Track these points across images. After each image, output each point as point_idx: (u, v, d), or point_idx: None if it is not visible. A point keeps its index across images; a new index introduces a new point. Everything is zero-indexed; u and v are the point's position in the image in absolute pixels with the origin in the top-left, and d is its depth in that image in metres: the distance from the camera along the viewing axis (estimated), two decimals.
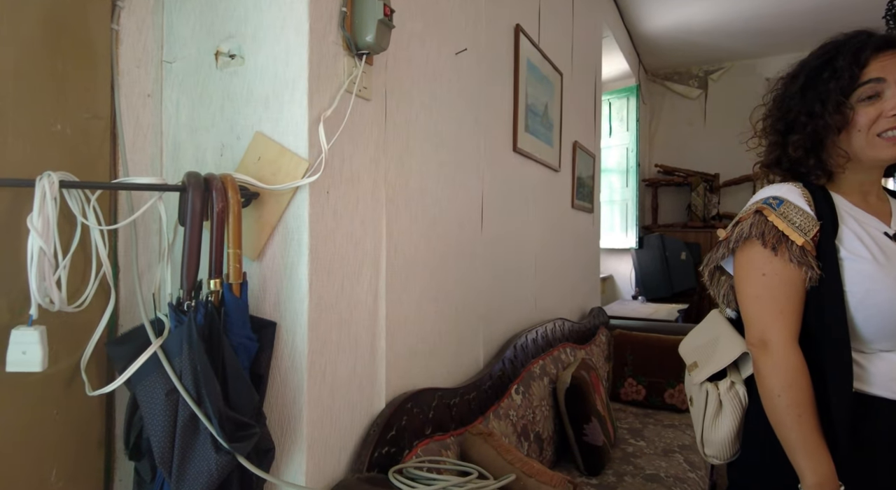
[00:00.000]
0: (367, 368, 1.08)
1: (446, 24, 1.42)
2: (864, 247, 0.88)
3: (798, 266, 0.88)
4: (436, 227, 1.36)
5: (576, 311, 2.66)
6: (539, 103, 2.09)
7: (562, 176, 2.46)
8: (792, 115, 0.96)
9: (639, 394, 2.37)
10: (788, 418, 0.85)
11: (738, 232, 0.95)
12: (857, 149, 0.91)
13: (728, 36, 4.06)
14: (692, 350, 1.10)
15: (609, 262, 4.59)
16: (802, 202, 0.91)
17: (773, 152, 1.00)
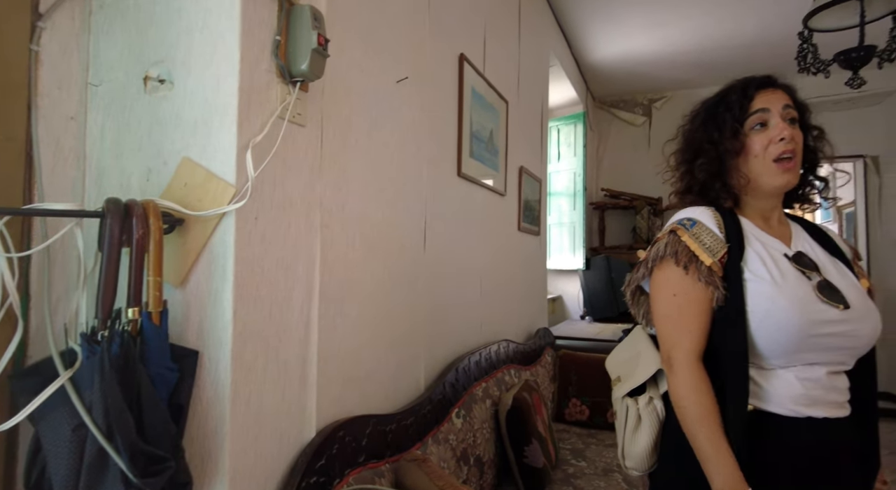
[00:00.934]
0: (296, 396, 1.07)
1: (388, 53, 1.45)
2: (765, 268, 0.94)
3: (706, 286, 0.93)
4: (375, 251, 1.37)
5: (522, 332, 2.70)
6: (484, 130, 2.15)
7: (508, 200, 2.51)
8: (696, 145, 1.05)
9: (582, 414, 2.42)
10: (694, 428, 0.90)
11: (654, 251, 1.02)
12: (756, 174, 0.99)
13: (670, 66, 4.29)
14: (617, 365, 1.16)
15: (558, 283, 4.69)
16: (713, 224, 0.98)
17: (683, 180, 1.09)
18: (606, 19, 3.52)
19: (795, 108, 1.01)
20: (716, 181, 1.02)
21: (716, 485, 0.87)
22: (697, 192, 1.06)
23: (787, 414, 0.90)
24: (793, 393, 0.90)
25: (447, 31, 1.83)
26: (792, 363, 0.91)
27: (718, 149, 1.01)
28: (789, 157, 0.96)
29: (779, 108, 0.98)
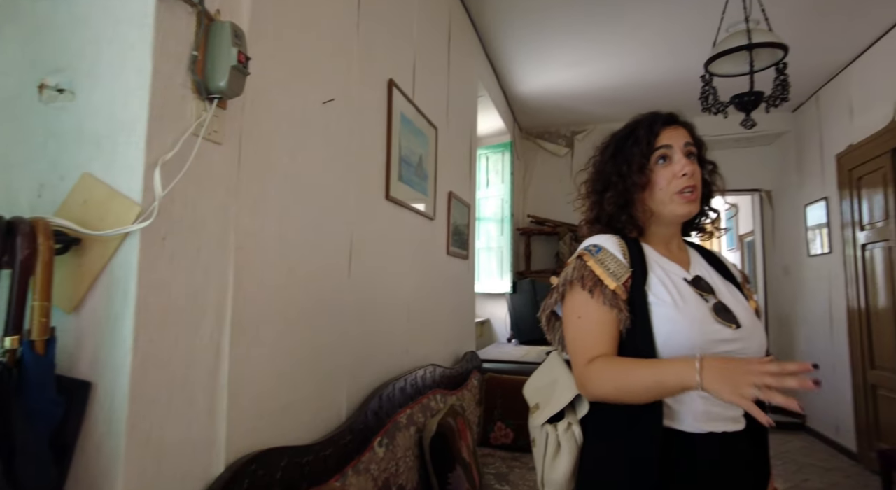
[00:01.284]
0: (203, 430, 1.00)
1: (314, 74, 1.44)
2: (667, 292, 0.99)
3: (610, 308, 0.97)
4: (295, 274, 1.33)
5: (449, 356, 2.70)
6: (413, 154, 2.17)
7: (437, 224, 2.54)
8: (606, 177, 1.11)
9: (507, 437, 2.44)
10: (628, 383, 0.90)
11: (563, 276, 1.05)
12: (660, 205, 1.06)
13: (591, 101, 4.56)
14: (535, 391, 1.16)
15: (486, 306, 4.75)
16: (618, 251, 1.03)
17: (593, 210, 1.14)
18: (533, 55, 3.70)
19: (695, 144, 1.10)
20: (623, 213, 1.08)
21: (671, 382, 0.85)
22: (605, 223, 1.11)
23: (691, 430, 0.95)
24: (696, 410, 0.95)
25: (376, 56, 1.85)
26: None
27: (626, 182, 1.07)
28: (690, 190, 1.04)
29: (681, 144, 1.06)
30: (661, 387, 0.87)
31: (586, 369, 0.96)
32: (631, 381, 0.90)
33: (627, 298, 0.98)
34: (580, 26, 3.28)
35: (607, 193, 1.09)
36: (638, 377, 0.89)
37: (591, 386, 0.95)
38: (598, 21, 3.21)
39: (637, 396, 0.91)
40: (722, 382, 0.79)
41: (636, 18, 3.16)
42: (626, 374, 0.91)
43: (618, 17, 3.16)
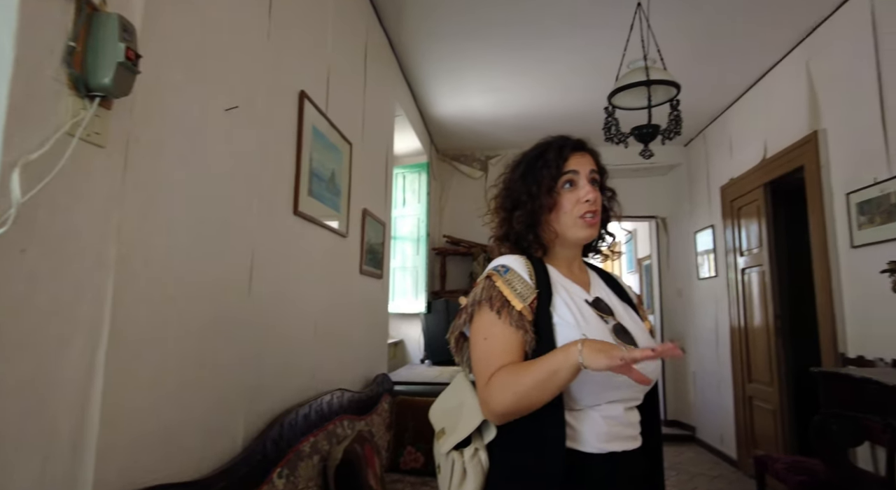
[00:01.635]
0: (65, 467, 0.87)
1: (218, 80, 1.35)
2: (570, 313, 1.01)
3: (516, 329, 0.97)
4: (187, 290, 1.22)
5: (359, 379, 2.61)
6: (325, 169, 2.11)
7: (350, 241, 2.47)
8: (516, 195, 1.12)
9: (417, 461, 2.38)
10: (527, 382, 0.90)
11: (472, 297, 1.04)
12: (564, 227, 1.10)
13: (504, 127, 4.72)
14: (441, 415, 1.13)
15: (401, 327, 4.70)
16: (525, 272, 1.04)
17: (502, 227, 1.15)
18: (449, 79, 3.78)
19: (598, 171, 1.15)
20: (530, 232, 1.10)
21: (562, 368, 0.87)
22: (513, 241, 1.13)
23: (593, 451, 0.96)
24: (598, 431, 0.97)
25: (288, 66, 1.78)
26: (597, 402, 0.98)
27: (535, 203, 1.09)
28: (592, 215, 1.09)
29: (586, 171, 1.11)
30: (554, 376, 0.88)
31: (487, 386, 0.95)
32: (526, 381, 0.90)
33: (533, 319, 0.99)
34: (495, 55, 3.40)
35: (517, 212, 1.11)
36: (531, 375, 0.90)
37: (493, 402, 0.94)
38: (512, 50, 3.34)
39: (534, 396, 0.90)
40: (597, 353, 0.83)
41: (548, 51, 3.33)
42: (520, 376, 0.91)
43: (531, 49, 3.31)
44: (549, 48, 3.29)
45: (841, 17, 2.85)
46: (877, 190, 2.57)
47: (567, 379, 0.88)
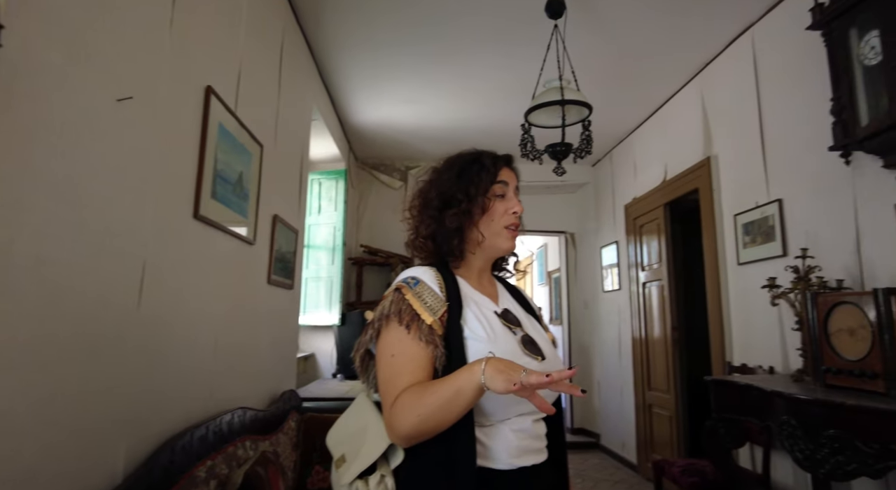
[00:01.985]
0: None
1: (108, 66, 1.21)
2: (481, 326, 0.99)
3: (426, 345, 0.93)
4: (60, 304, 1.07)
5: (265, 396, 2.46)
6: (232, 171, 1.97)
7: (257, 249, 2.33)
8: (450, 194, 1.08)
9: (325, 481, 2.27)
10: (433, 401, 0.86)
11: (380, 310, 0.99)
12: (491, 235, 1.09)
13: (424, 139, 4.72)
14: (340, 440, 1.05)
15: (313, 340, 4.52)
16: (435, 284, 1.00)
17: (428, 226, 1.09)
18: (370, 87, 3.72)
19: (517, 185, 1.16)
20: (456, 235, 1.07)
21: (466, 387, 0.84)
22: (438, 241, 1.08)
23: (504, 467, 0.94)
24: (509, 446, 0.95)
25: (192, 57, 1.65)
26: (508, 415, 0.96)
27: (472, 203, 1.07)
28: (515, 227, 1.10)
29: (514, 185, 1.13)
30: (458, 396, 0.85)
31: (393, 408, 0.90)
32: (431, 402, 0.86)
33: (443, 333, 0.96)
34: (415, 66, 3.40)
35: (450, 211, 1.07)
36: (436, 396, 0.86)
37: (398, 424, 0.89)
38: (432, 63, 3.35)
39: (440, 417, 0.86)
40: (497, 374, 0.81)
41: (468, 67, 3.38)
42: (425, 397, 0.87)
43: (451, 63, 3.34)
44: (468, 63, 3.34)
45: (728, 55, 3.14)
46: (758, 213, 2.84)
47: (472, 399, 0.86)
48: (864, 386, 1.71)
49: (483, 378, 0.82)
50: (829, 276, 2.22)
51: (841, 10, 2.09)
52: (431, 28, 2.95)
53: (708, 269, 3.33)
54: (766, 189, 2.79)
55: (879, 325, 1.65)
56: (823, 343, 1.89)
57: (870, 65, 2.02)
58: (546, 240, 7.21)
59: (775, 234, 2.69)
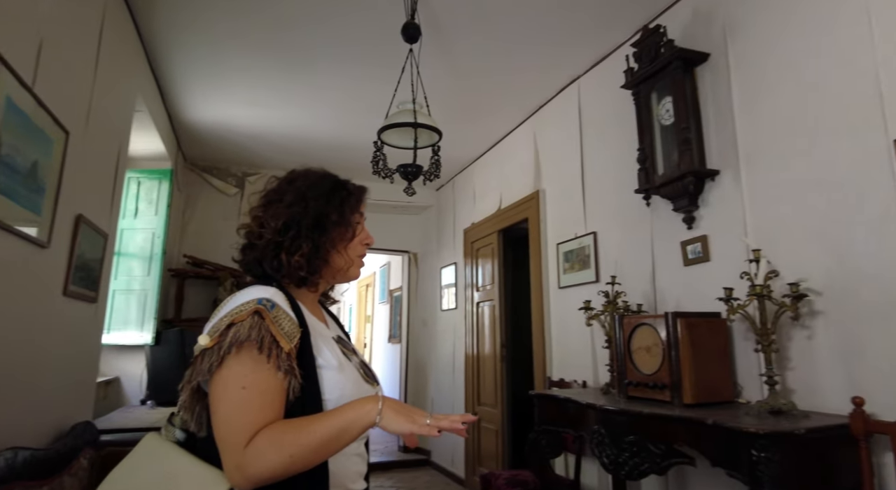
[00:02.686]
0: None
1: None
2: (330, 354, 0.95)
3: (284, 375, 0.85)
4: None
5: (48, 431, 2.03)
6: (23, 158, 1.63)
7: (52, 254, 1.95)
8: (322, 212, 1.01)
9: None
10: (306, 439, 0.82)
11: (233, 335, 0.85)
12: (348, 262, 1.07)
13: (267, 146, 4.45)
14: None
15: (118, 362, 3.90)
16: (288, 308, 0.92)
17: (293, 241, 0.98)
18: (210, 85, 3.41)
19: None
20: (319, 258, 1.01)
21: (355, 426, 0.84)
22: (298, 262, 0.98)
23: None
24: (351, 470, 0.94)
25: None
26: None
27: (345, 228, 1.04)
28: (362, 258, 1.11)
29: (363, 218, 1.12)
30: (344, 434, 0.83)
31: (249, 449, 0.80)
32: (309, 440, 0.81)
33: (298, 362, 0.89)
34: (263, 70, 3.21)
35: (317, 232, 1.00)
36: (316, 434, 0.82)
37: (259, 465, 0.79)
38: (282, 69, 3.20)
39: (318, 456, 0.83)
40: (399, 416, 0.85)
41: (321, 77, 3.29)
42: (301, 434, 0.82)
43: (303, 72, 3.22)
44: (321, 75, 3.26)
45: (559, 101, 3.53)
46: (577, 243, 3.20)
47: (356, 437, 0.85)
48: (656, 396, 2.00)
49: (379, 418, 0.84)
50: (632, 301, 2.57)
51: (645, 76, 2.49)
52: (283, 35, 2.81)
53: (533, 291, 3.64)
54: (584, 222, 3.16)
55: (668, 344, 1.95)
56: (627, 359, 2.17)
57: (665, 125, 2.43)
58: (390, 258, 7.26)
59: (590, 262, 3.05)
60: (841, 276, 1.77)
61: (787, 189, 1.97)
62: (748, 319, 1.84)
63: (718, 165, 2.25)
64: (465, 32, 2.80)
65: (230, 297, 0.94)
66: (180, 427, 0.92)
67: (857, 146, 1.75)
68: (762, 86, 2.10)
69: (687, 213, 2.35)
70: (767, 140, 2.06)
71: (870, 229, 1.70)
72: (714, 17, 2.33)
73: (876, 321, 1.66)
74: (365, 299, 8.61)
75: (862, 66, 1.75)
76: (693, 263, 2.34)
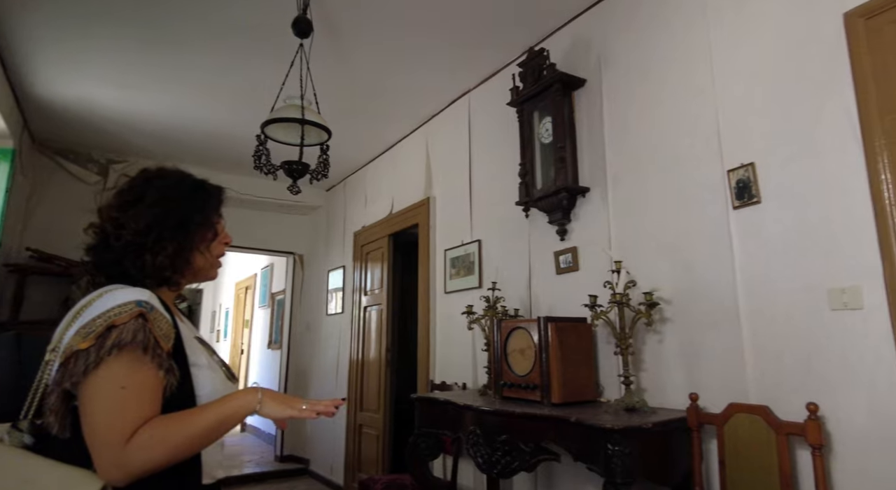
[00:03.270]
0: None
1: None
2: (201, 353, 1.01)
3: (165, 374, 0.90)
4: None
5: None
6: None
7: None
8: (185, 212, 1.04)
9: None
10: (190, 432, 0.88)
11: (116, 338, 0.86)
12: (208, 262, 1.10)
13: (139, 133, 4.06)
14: None
15: None
16: (163, 309, 0.95)
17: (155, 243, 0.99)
18: (67, 57, 3.03)
19: None
20: (187, 259, 1.04)
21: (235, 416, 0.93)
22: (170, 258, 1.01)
23: (211, 482, 0.98)
24: (216, 460, 1.00)
25: None
26: None
27: (207, 228, 1.07)
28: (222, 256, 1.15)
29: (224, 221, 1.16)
30: (223, 425, 0.92)
31: (131, 445, 0.83)
32: (190, 431, 0.88)
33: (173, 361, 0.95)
34: (136, 51, 2.92)
35: (181, 231, 1.03)
36: (201, 424, 0.89)
37: (143, 459, 0.84)
38: (158, 52, 2.94)
39: (196, 446, 0.90)
40: (279, 404, 0.96)
41: (205, 65, 3.07)
42: (183, 427, 0.88)
43: (187, 55, 2.98)
44: (204, 60, 3.04)
45: (451, 111, 3.63)
46: (462, 249, 3.30)
47: (236, 425, 0.95)
48: (528, 396, 2.12)
49: (259, 406, 0.94)
50: (510, 306, 2.70)
51: (529, 96, 2.64)
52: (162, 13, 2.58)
53: (421, 296, 3.69)
54: (470, 230, 3.27)
55: (540, 346, 2.08)
56: (503, 361, 2.27)
57: (545, 143, 2.60)
58: (273, 260, 6.93)
59: (475, 269, 3.16)
60: (685, 287, 2.01)
61: (645, 207, 2.20)
62: (609, 325, 2.02)
63: (589, 183, 2.45)
64: (361, 36, 2.78)
65: (93, 297, 0.93)
66: (32, 432, 0.91)
67: (700, 174, 2.00)
68: (628, 114, 2.33)
69: (560, 225, 2.53)
70: (631, 163, 2.29)
71: (708, 246, 1.95)
72: (591, 46, 2.54)
73: (710, 327, 1.91)
74: (244, 302, 8.13)
75: (706, 104, 2.01)
76: (564, 272, 2.52)
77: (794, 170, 1.72)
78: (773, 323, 1.73)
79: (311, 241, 5.64)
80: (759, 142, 1.83)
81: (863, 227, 1.54)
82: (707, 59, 2.03)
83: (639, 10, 2.33)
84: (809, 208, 1.67)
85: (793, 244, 1.71)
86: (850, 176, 1.58)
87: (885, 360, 1.47)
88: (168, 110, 3.71)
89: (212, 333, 9.92)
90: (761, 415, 1.66)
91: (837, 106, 1.63)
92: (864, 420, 1.50)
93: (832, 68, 1.65)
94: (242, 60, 3.03)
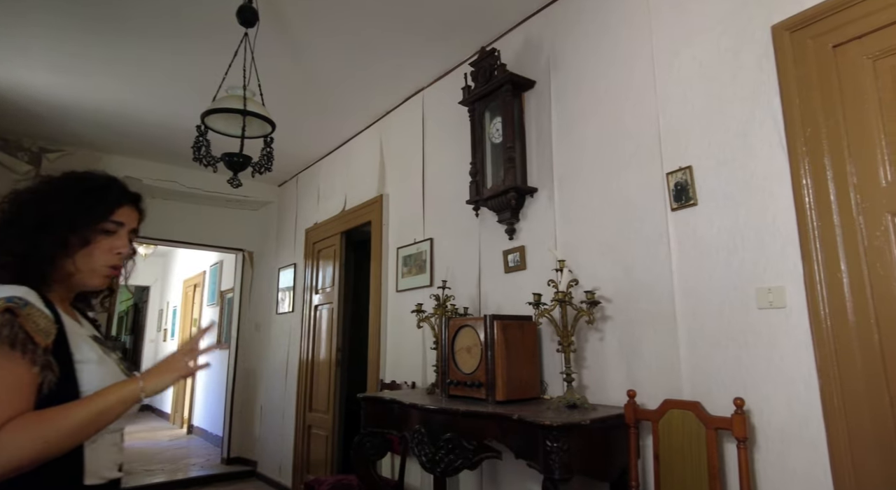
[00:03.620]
0: None
1: None
2: (89, 349, 1.01)
3: (40, 370, 0.90)
4: None
5: None
6: None
7: None
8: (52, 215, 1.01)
9: None
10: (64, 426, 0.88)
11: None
12: (85, 271, 1.05)
13: (75, 119, 3.85)
14: None
15: None
16: (42, 306, 0.95)
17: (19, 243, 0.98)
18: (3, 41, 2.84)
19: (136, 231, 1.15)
20: (48, 262, 1.01)
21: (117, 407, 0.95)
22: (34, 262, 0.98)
23: (100, 482, 0.98)
24: (107, 459, 1.01)
25: None
26: (110, 430, 1.00)
27: (76, 235, 1.02)
28: (116, 268, 1.11)
29: (131, 227, 1.12)
30: (104, 415, 0.93)
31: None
32: (69, 423, 0.89)
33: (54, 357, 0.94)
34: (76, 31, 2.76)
35: (45, 234, 0.99)
36: (77, 417, 0.90)
37: (11, 453, 0.84)
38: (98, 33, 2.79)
39: (74, 437, 0.90)
40: (162, 375, 1.01)
41: (145, 49, 2.93)
42: (57, 421, 0.88)
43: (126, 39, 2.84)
44: (143, 45, 2.90)
45: (404, 109, 3.60)
46: (415, 248, 3.28)
47: (118, 416, 0.96)
48: (474, 394, 2.12)
49: (143, 393, 0.97)
50: (460, 305, 2.70)
51: (480, 95, 2.65)
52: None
53: (372, 294, 3.64)
54: (423, 228, 3.26)
55: (486, 344, 2.09)
56: (450, 359, 2.27)
57: (495, 142, 2.61)
58: (222, 256, 6.72)
59: (426, 267, 3.14)
60: (626, 286, 2.06)
61: (589, 208, 2.24)
62: (553, 323, 2.05)
63: (537, 184, 2.48)
64: (310, 29, 2.72)
65: None
66: None
67: (641, 176, 2.06)
68: (575, 116, 2.36)
69: (509, 225, 2.55)
70: (576, 165, 2.33)
71: (647, 247, 2.00)
72: (541, 48, 2.57)
73: (649, 325, 1.96)
74: (192, 300, 7.84)
75: (647, 109, 2.07)
76: (512, 271, 2.54)
77: (726, 173, 1.79)
78: (707, 321, 1.80)
79: (262, 238, 5.50)
80: (697, 145, 1.89)
81: (787, 230, 1.62)
82: (649, 63, 2.08)
83: (586, 13, 2.37)
84: (740, 211, 1.74)
85: (724, 245, 1.77)
86: (777, 181, 1.66)
87: (803, 357, 1.55)
88: (111, 98, 3.53)
89: (159, 333, 9.54)
90: (693, 410, 1.72)
91: (766, 114, 1.70)
92: (784, 414, 1.58)
93: (762, 78, 1.72)
94: (187, 49, 2.92)
